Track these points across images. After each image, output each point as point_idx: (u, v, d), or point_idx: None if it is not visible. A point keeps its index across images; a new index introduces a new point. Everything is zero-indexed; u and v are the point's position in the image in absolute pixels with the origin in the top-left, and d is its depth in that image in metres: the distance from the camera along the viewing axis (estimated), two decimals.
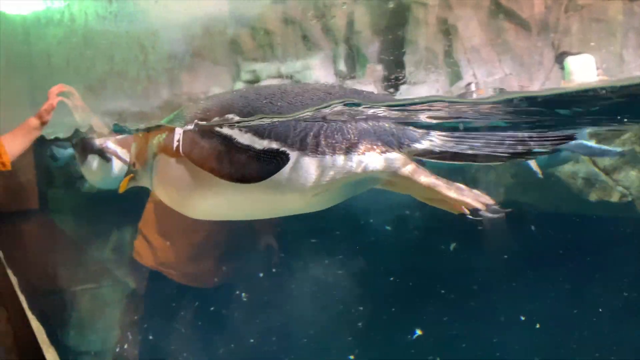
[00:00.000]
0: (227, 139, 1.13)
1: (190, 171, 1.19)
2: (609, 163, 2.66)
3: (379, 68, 2.31)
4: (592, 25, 1.99)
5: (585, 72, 1.81)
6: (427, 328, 2.86)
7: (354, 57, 2.36)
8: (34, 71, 4.04)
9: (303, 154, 1.09)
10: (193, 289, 2.74)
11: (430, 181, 1.11)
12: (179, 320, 2.85)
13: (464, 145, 1.13)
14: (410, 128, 1.20)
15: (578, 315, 2.63)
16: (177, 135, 1.23)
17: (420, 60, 2.23)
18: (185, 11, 2.26)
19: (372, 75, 2.31)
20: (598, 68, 1.80)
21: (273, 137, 1.09)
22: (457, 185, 1.13)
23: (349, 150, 1.10)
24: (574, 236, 2.70)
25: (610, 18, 1.94)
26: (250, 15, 2.36)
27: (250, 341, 2.82)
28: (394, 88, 2.29)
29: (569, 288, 2.70)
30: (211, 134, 1.17)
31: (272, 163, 1.07)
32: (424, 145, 1.13)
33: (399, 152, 1.12)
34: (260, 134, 1.10)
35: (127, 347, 3.07)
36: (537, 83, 2.11)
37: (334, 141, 1.10)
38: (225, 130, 1.16)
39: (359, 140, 1.11)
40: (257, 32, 2.39)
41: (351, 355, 2.90)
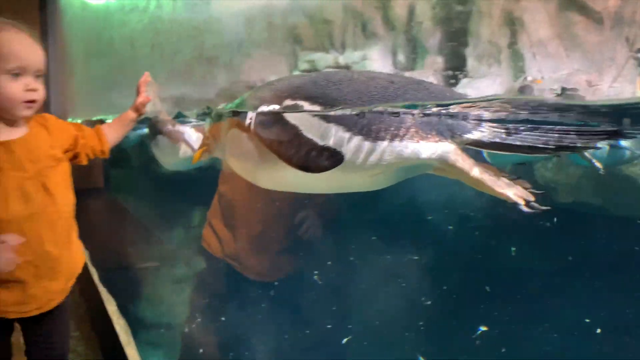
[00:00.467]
0: (293, 127, 1.25)
1: (259, 146, 1.33)
2: None
3: (439, 60, 2.25)
4: None
5: None
6: (490, 326, 2.79)
7: (414, 49, 2.30)
8: (117, 56, 4.23)
9: (364, 139, 1.21)
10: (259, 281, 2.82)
11: (477, 172, 1.19)
12: (245, 308, 2.92)
13: (512, 137, 1.18)
14: (463, 116, 1.25)
15: None
16: (251, 114, 1.36)
17: (482, 54, 2.15)
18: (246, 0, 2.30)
19: (431, 67, 2.25)
20: None
21: (338, 122, 1.22)
22: (503, 179, 1.19)
23: (405, 138, 1.20)
24: None
25: None
26: (310, 4, 2.36)
27: (313, 335, 2.86)
28: (454, 81, 2.22)
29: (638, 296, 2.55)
30: (280, 118, 1.29)
31: (329, 160, 1.20)
32: (475, 136, 1.20)
33: (451, 142, 1.20)
34: (326, 118, 1.22)
35: (196, 325, 3.18)
36: (607, 80, 1.98)
37: (393, 129, 1.20)
38: (293, 115, 1.27)
39: (415, 129, 1.21)
40: (316, 21, 2.38)
41: (418, 353, 2.88)
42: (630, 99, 1.75)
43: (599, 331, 2.58)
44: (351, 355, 2.81)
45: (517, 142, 1.17)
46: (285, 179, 1.38)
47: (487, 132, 1.20)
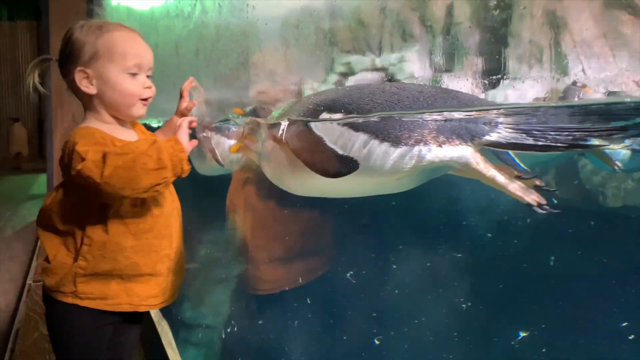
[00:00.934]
0: (318, 137, 1.40)
1: (291, 156, 1.48)
2: None
3: (479, 61, 2.19)
4: None
5: None
6: (532, 332, 2.72)
7: (452, 50, 2.26)
8: (161, 62, 4.31)
9: (391, 145, 1.31)
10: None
11: (493, 174, 1.28)
12: (284, 311, 2.93)
13: (527, 136, 1.26)
14: (481, 120, 1.34)
15: None
16: (283, 126, 1.52)
17: (524, 55, 2.09)
18: (283, 3, 2.30)
19: (470, 68, 2.20)
20: None
21: (365, 131, 1.33)
22: (516, 181, 1.27)
23: (428, 143, 1.30)
24: None
25: None
26: (347, 7, 2.35)
27: (350, 341, 2.85)
28: (494, 83, 2.17)
29: None
30: (308, 129, 1.44)
31: (346, 167, 1.35)
32: (493, 137, 1.28)
33: (470, 145, 1.29)
34: (355, 128, 1.34)
35: (236, 326, 3.22)
36: None
37: (416, 134, 1.30)
38: (321, 127, 1.41)
39: (436, 134, 1.30)
40: (353, 24, 2.37)
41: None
42: None
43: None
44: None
45: (531, 142, 1.24)
46: (315, 185, 1.51)
47: (503, 133, 1.28)
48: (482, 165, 1.29)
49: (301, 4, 2.26)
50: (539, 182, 1.29)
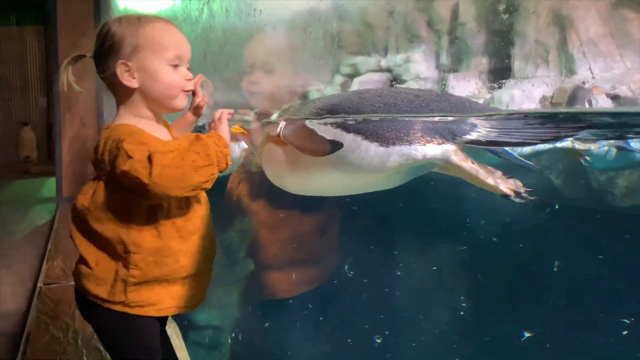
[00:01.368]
0: (311, 130, 1.52)
1: (289, 156, 1.59)
2: None
3: (484, 61, 2.19)
4: None
5: None
6: (540, 332, 2.71)
7: (458, 50, 2.26)
8: None
9: (379, 145, 1.41)
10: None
11: (473, 168, 1.37)
12: (293, 313, 2.94)
13: (503, 133, 1.38)
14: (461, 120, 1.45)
15: None
16: (281, 125, 1.61)
17: (529, 54, 2.08)
18: (288, 5, 2.31)
19: (476, 68, 2.20)
20: None
21: (356, 132, 1.44)
22: (495, 174, 1.36)
23: (413, 142, 1.39)
24: None
25: None
26: (352, 8, 2.35)
27: (357, 342, 2.85)
28: (500, 83, 2.16)
29: None
30: (304, 126, 1.55)
31: (332, 147, 1.48)
32: (473, 136, 1.39)
33: (452, 143, 1.39)
34: (347, 129, 1.45)
35: (245, 327, 3.23)
36: None
37: (402, 135, 1.40)
38: (320, 129, 1.51)
39: (421, 134, 1.40)
40: (358, 25, 2.37)
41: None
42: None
43: None
44: None
45: (507, 139, 1.37)
46: (312, 184, 1.63)
47: (482, 132, 1.39)
48: (463, 161, 1.39)
49: (307, 6, 2.26)
50: (518, 183, 1.37)
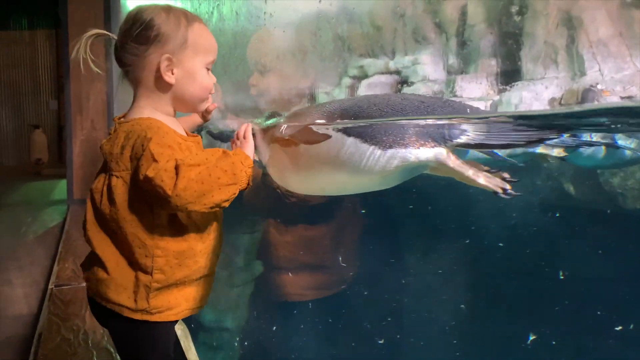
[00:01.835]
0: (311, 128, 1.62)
1: (290, 158, 1.66)
2: None
3: (493, 63, 2.19)
4: None
5: None
6: (540, 335, 2.70)
7: (466, 52, 2.25)
8: None
9: (377, 148, 1.50)
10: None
11: (464, 169, 1.47)
12: (302, 314, 2.94)
13: (490, 136, 1.49)
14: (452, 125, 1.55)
15: None
16: (284, 126, 1.68)
17: (539, 55, 2.07)
18: (298, 8, 2.31)
19: (485, 70, 2.19)
20: None
21: (356, 135, 1.52)
22: (484, 173, 1.45)
23: (408, 146, 1.49)
24: None
25: None
26: (360, 11, 2.35)
27: (365, 344, 2.85)
28: (510, 85, 2.16)
29: None
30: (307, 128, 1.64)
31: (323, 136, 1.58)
32: (463, 139, 1.48)
33: (444, 146, 1.48)
34: (347, 133, 1.54)
35: (255, 329, 3.23)
36: None
37: (398, 138, 1.50)
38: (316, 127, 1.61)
39: (416, 137, 1.50)
40: (366, 27, 2.37)
41: None
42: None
43: None
44: None
45: (494, 142, 1.49)
46: (312, 183, 1.72)
47: (472, 135, 1.48)
48: (454, 163, 1.48)
49: (317, 10, 2.26)
50: (506, 175, 1.46)
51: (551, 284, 2.78)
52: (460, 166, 1.48)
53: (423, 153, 1.48)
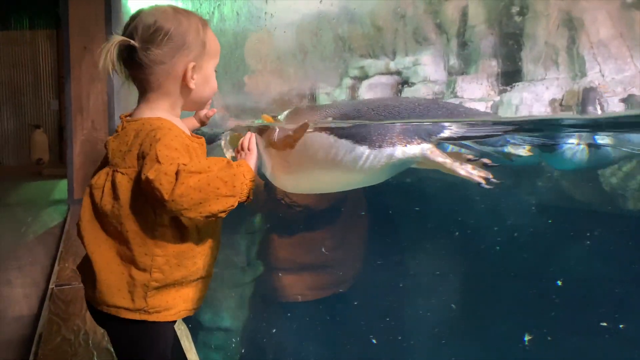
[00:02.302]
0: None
1: (284, 157, 1.76)
2: None
3: (494, 64, 2.18)
4: None
5: None
6: (537, 335, 2.70)
7: (467, 52, 2.25)
8: None
9: (368, 148, 1.61)
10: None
11: (448, 162, 1.58)
12: (302, 314, 2.94)
13: (469, 130, 1.65)
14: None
15: None
16: (277, 132, 1.79)
17: (539, 56, 2.07)
18: (299, 9, 2.31)
19: (485, 71, 2.19)
20: None
21: (347, 137, 1.64)
22: (467, 165, 1.56)
23: (396, 144, 1.61)
24: None
25: None
26: (361, 11, 2.35)
27: (365, 345, 2.85)
28: (511, 85, 2.16)
29: None
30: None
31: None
32: (446, 134, 1.62)
33: (429, 142, 1.60)
34: (340, 136, 1.65)
35: (255, 329, 3.23)
36: None
37: (387, 138, 1.61)
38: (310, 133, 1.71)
39: (402, 136, 1.61)
40: (367, 28, 2.37)
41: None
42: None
43: None
44: None
45: (474, 134, 1.65)
46: (306, 182, 1.81)
47: (453, 129, 1.63)
48: (438, 156, 1.59)
49: (317, 10, 2.27)
50: (487, 160, 1.56)
51: (551, 284, 2.78)
52: (445, 159, 1.59)
53: (410, 149, 1.60)
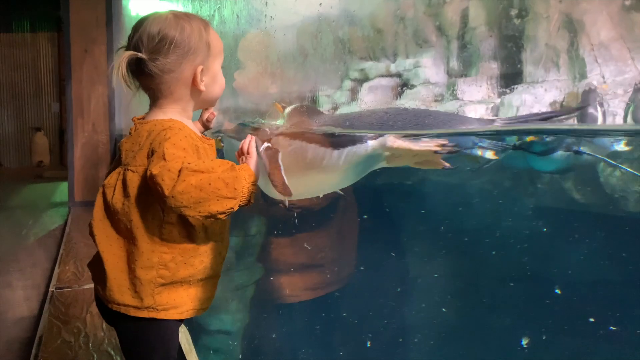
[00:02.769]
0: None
1: (272, 165, 1.89)
2: None
3: (494, 66, 2.18)
4: None
5: None
6: (535, 338, 2.70)
7: (468, 55, 2.25)
8: None
9: (336, 148, 1.78)
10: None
11: (405, 144, 1.71)
12: (303, 317, 2.94)
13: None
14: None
15: None
16: (262, 148, 1.92)
17: (540, 58, 2.07)
18: (299, 11, 2.32)
19: (486, 73, 2.19)
20: None
21: (315, 141, 1.84)
22: (423, 140, 1.70)
23: (359, 142, 1.78)
24: None
25: None
26: (361, 14, 2.36)
27: (362, 345, 2.85)
28: (511, 88, 2.15)
29: None
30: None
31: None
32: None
33: (388, 134, 1.75)
34: (325, 145, 1.82)
35: (255, 331, 3.23)
36: None
37: (349, 137, 1.79)
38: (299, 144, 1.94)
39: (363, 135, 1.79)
40: (367, 30, 2.37)
41: None
42: None
43: None
44: None
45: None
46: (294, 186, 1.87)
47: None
48: (399, 143, 1.72)
49: (318, 12, 2.27)
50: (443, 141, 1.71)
51: (551, 285, 2.78)
52: (402, 143, 1.72)
53: (371, 144, 1.74)
